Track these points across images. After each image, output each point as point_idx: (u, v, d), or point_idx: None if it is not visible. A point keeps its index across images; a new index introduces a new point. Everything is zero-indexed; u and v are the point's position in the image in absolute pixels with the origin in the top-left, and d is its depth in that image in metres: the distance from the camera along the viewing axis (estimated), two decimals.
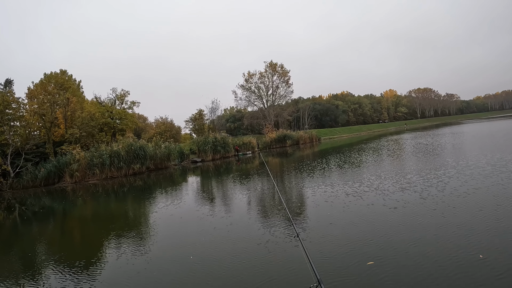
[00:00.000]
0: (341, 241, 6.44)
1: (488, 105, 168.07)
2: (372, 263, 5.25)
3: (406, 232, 6.52)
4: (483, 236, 5.86)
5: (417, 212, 7.69)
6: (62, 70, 38.06)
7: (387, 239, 6.28)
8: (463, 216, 7.02)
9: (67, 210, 15.16)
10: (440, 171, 12.73)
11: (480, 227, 6.31)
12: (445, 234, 6.12)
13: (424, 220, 7.08)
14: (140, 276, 5.93)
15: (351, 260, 5.48)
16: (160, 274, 5.91)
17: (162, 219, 10.35)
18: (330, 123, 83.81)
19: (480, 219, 6.74)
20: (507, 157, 14.03)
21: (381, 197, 9.61)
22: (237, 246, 6.90)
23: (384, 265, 5.15)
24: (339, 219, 7.99)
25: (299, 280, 4.94)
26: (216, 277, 5.50)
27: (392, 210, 8.16)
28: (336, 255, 5.77)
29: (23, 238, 10.58)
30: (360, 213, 8.28)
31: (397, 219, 7.38)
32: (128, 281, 5.81)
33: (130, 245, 7.90)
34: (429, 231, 6.40)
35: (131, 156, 26.84)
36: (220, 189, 16.20)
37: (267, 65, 58.60)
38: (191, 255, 6.67)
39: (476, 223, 6.55)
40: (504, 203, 7.55)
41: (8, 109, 26.49)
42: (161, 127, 50.90)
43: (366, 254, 5.66)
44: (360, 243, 6.22)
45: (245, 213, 9.98)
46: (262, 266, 5.73)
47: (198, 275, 5.70)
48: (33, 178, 24.67)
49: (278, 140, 46.36)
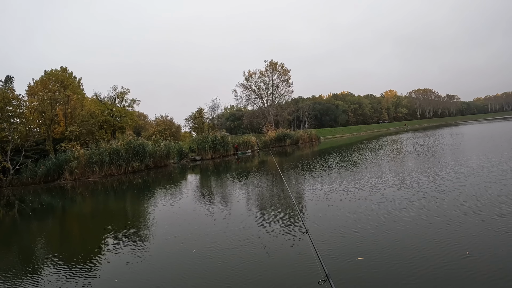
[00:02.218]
0: (349, 237, 6.53)
1: (488, 107, 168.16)
2: (370, 259, 5.33)
3: (411, 228, 6.62)
4: (471, 233, 6.04)
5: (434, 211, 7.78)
6: (63, 68, 38.06)
7: (395, 235, 6.38)
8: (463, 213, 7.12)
9: (67, 207, 15.24)
10: (437, 171, 12.81)
11: (469, 224, 6.42)
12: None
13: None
14: (140, 270, 6.01)
15: (359, 256, 5.55)
16: (163, 268, 5.99)
17: (161, 216, 10.40)
18: (330, 123, 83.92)
19: (469, 216, 6.85)
20: (497, 158, 14.11)
21: (385, 195, 9.69)
22: (244, 241, 6.97)
23: (391, 261, 5.23)
24: (347, 215, 8.08)
25: (308, 275, 5.01)
26: (223, 272, 5.55)
27: (402, 208, 8.26)
28: (344, 251, 5.83)
29: (22, 235, 10.65)
30: (368, 209, 8.39)
31: (406, 217, 7.47)
32: (128, 275, 5.89)
33: (130, 241, 7.97)
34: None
35: (131, 154, 26.89)
36: (221, 187, 16.26)
37: (267, 64, 58.71)
38: (193, 249, 6.80)
39: (466, 220, 6.66)
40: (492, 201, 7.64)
41: (8, 106, 26.54)
42: (161, 125, 50.94)
43: (374, 249, 5.74)
44: (368, 239, 6.31)
45: (252, 209, 10.02)
46: (270, 261, 5.81)
47: (202, 269, 5.76)
48: (32, 175, 24.74)
49: (277, 139, 46.43)
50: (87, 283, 5.79)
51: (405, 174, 13.12)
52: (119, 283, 5.69)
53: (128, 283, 5.65)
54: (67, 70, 38.50)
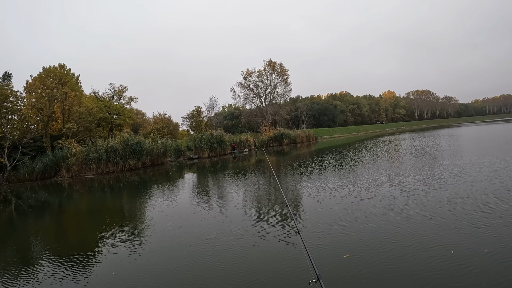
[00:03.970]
0: (340, 237, 6.66)
1: (486, 109, 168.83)
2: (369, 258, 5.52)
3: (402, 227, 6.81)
4: (454, 233, 6.25)
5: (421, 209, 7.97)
6: (61, 64, 38.01)
7: (387, 235, 6.52)
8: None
9: (63, 204, 15.36)
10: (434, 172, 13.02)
11: (455, 224, 6.63)
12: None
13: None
14: (137, 264, 6.20)
15: (350, 256, 5.66)
16: (160, 263, 6.16)
17: (157, 214, 10.55)
18: (328, 123, 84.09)
19: (456, 217, 7.05)
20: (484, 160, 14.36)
21: (378, 194, 9.89)
22: (235, 241, 7.05)
23: (384, 261, 5.38)
24: (339, 216, 8.20)
25: (298, 276, 5.09)
26: (214, 273, 5.62)
27: (395, 206, 8.45)
28: (335, 252, 5.94)
29: (20, 230, 10.80)
30: (360, 210, 8.56)
31: (396, 215, 7.67)
32: (125, 268, 6.07)
33: (127, 236, 8.15)
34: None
35: (128, 152, 26.98)
36: (216, 186, 16.42)
37: (266, 64, 58.75)
38: (189, 247, 6.98)
39: (453, 220, 6.86)
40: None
41: (6, 102, 26.56)
42: (158, 123, 51.08)
43: (364, 250, 5.88)
44: (359, 239, 6.44)
45: (244, 208, 10.13)
46: (261, 262, 5.86)
47: (196, 269, 5.85)
48: (29, 172, 24.80)
49: (275, 139, 46.56)
50: (85, 276, 5.98)
51: (401, 174, 13.32)
52: (117, 276, 5.87)
53: (126, 275, 5.84)
54: (65, 67, 38.45)
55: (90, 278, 5.85)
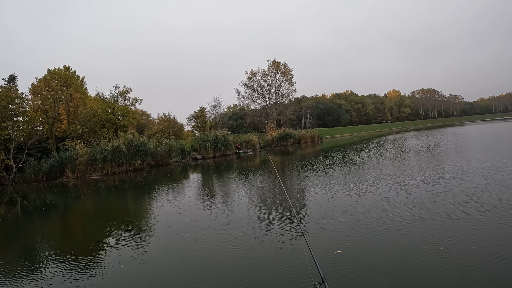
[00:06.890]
0: (345, 240, 6.47)
1: (492, 107, 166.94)
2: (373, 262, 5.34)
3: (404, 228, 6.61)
4: (445, 229, 6.30)
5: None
6: (66, 66, 38.31)
7: (391, 237, 6.33)
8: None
9: (70, 205, 15.35)
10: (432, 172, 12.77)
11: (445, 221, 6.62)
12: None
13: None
14: (145, 258, 6.12)
15: (354, 258, 5.53)
16: (167, 263, 6.06)
17: (162, 214, 10.45)
18: (332, 123, 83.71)
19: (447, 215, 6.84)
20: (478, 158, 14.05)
21: (385, 196, 9.68)
22: (239, 244, 6.91)
23: (385, 265, 5.20)
24: (343, 217, 7.99)
25: (303, 278, 4.96)
26: (219, 274, 5.54)
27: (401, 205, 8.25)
28: (340, 254, 5.79)
29: (28, 230, 10.74)
30: (365, 210, 8.37)
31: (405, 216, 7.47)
32: (133, 262, 6.08)
33: (134, 233, 8.09)
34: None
35: (132, 152, 27.02)
36: (221, 186, 16.29)
37: (270, 64, 58.63)
38: (194, 245, 6.91)
39: (445, 218, 6.65)
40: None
41: (12, 104, 26.77)
42: (163, 124, 51.13)
43: (369, 252, 5.73)
44: (364, 241, 6.28)
45: (248, 210, 9.96)
46: (265, 263, 5.77)
47: (201, 271, 5.73)
48: (35, 173, 24.95)
49: (279, 139, 46.39)
50: (94, 268, 6.18)
51: (411, 174, 13.08)
52: (125, 269, 6.06)
53: (133, 268, 6.06)
54: (70, 69, 38.74)
55: (100, 278, 5.81)
